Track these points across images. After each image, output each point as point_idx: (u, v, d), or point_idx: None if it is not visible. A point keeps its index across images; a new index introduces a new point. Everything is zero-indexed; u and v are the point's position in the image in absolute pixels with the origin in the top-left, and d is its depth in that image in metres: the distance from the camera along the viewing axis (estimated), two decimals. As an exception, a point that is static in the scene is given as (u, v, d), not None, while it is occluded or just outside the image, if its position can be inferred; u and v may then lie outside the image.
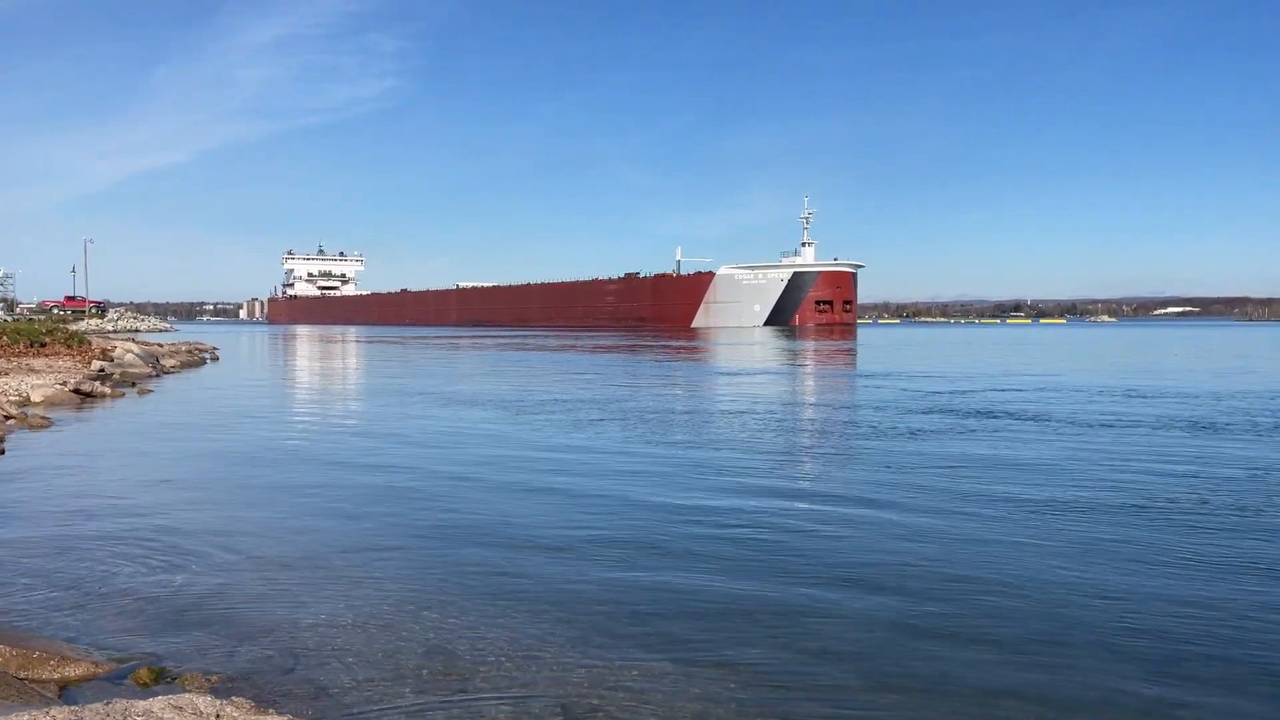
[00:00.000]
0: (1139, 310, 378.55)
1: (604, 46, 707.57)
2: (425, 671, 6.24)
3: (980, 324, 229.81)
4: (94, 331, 78.48)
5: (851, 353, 54.79)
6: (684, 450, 15.87)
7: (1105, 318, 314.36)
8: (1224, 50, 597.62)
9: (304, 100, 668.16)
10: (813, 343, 71.40)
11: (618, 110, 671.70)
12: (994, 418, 20.21)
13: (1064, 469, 13.79)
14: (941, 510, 11.07)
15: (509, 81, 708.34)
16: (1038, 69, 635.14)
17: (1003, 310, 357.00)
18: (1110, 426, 18.79)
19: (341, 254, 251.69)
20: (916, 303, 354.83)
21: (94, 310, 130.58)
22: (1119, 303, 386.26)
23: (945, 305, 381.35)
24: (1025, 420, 19.77)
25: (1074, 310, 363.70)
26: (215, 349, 56.60)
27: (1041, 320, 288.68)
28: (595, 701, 5.81)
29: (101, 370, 30.33)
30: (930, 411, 21.57)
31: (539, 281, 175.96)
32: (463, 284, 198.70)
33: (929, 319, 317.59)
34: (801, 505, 11.43)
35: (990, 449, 15.75)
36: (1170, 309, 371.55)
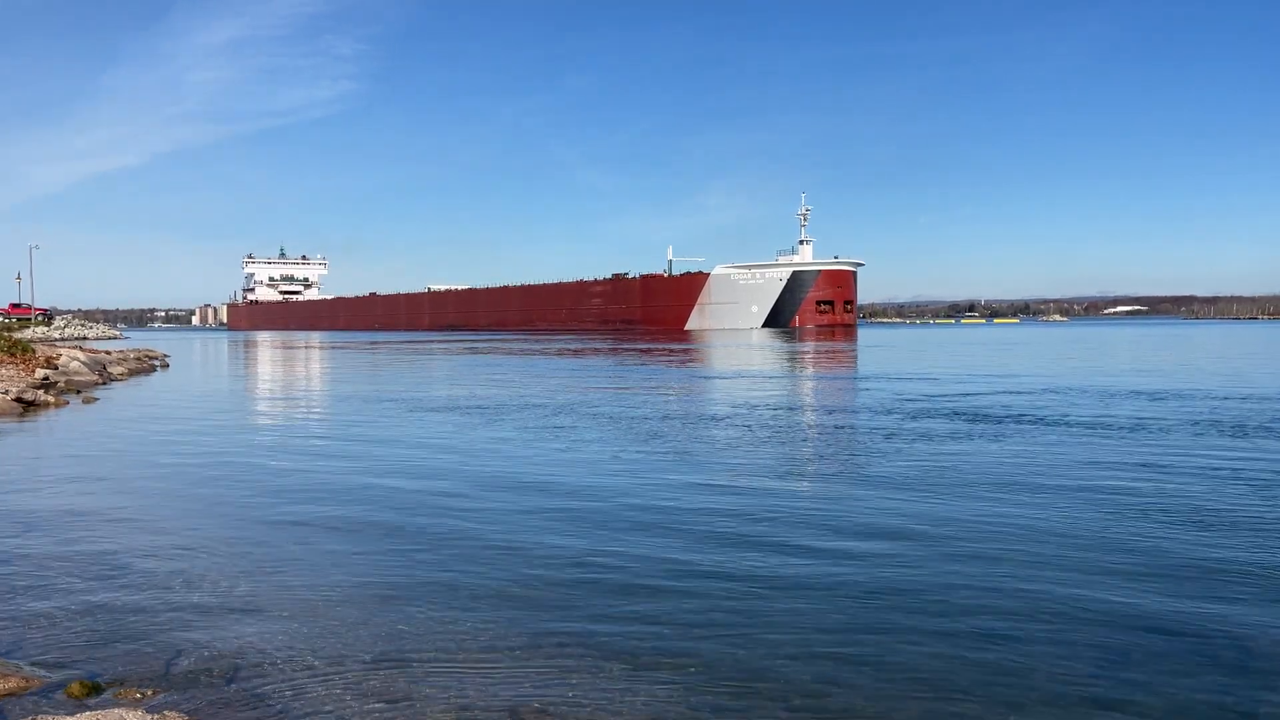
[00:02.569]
0: (1089, 309, 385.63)
1: (562, 50, 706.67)
2: (371, 680, 6.11)
3: (935, 324, 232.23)
4: (40, 339, 76.68)
5: (856, 356, 52.14)
6: (661, 457, 15.81)
7: (1057, 317, 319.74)
8: (1175, 58, 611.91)
9: (258, 103, 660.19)
10: (821, 344, 69.14)
11: (578, 114, 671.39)
12: (1047, 424, 18.79)
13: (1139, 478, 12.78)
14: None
15: (467, 85, 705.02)
16: (993, 74, 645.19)
17: (957, 310, 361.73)
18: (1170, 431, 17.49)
19: (304, 257, 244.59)
20: (873, 303, 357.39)
21: (40, 318, 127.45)
22: (1070, 302, 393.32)
23: (901, 306, 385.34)
24: (1057, 426, 18.46)
25: (1027, 310, 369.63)
26: (166, 356, 55.55)
27: (996, 320, 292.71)
28: (543, 705, 5.72)
29: (45, 378, 29.59)
30: (970, 419, 20.13)
31: (517, 284, 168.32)
32: (434, 286, 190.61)
33: (885, 319, 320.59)
34: (770, 503, 11.42)
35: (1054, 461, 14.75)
36: (1120, 308, 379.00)
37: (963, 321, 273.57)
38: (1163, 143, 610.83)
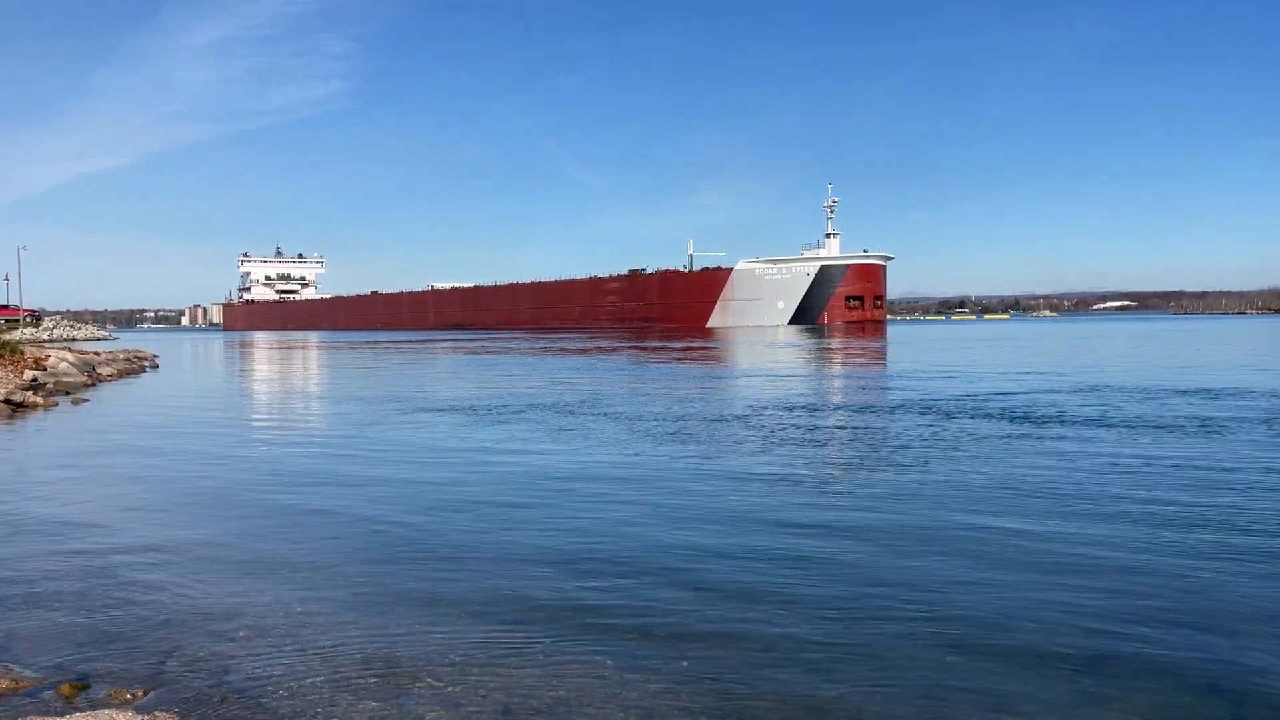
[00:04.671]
0: (1079, 305, 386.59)
1: (554, 50, 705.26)
2: (363, 680, 6.09)
3: (925, 320, 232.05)
4: (28, 341, 76.30)
5: (902, 353, 49.42)
6: (670, 460, 15.78)
7: (1048, 313, 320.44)
8: (1165, 57, 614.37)
9: (249, 103, 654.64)
10: (858, 342, 66.53)
11: (571, 113, 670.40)
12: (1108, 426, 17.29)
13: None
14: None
15: (459, 84, 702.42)
16: (984, 73, 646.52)
17: (948, 306, 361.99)
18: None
19: (300, 256, 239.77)
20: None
21: (28, 319, 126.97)
22: (1060, 298, 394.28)
23: (892, 302, 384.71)
24: (1119, 427, 17.04)
25: (1017, 306, 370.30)
26: (156, 357, 55.31)
27: (986, 316, 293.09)
28: (538, 704, 5.71)
29: (34, 380, 29.44)
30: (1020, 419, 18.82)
31: (526, 281, 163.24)
32: (438, 285, 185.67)
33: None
34: (772, 505, 11.42)
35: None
36: (1110, 303, 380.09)
37: (953, 318, 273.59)
38: (1152, 139, 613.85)
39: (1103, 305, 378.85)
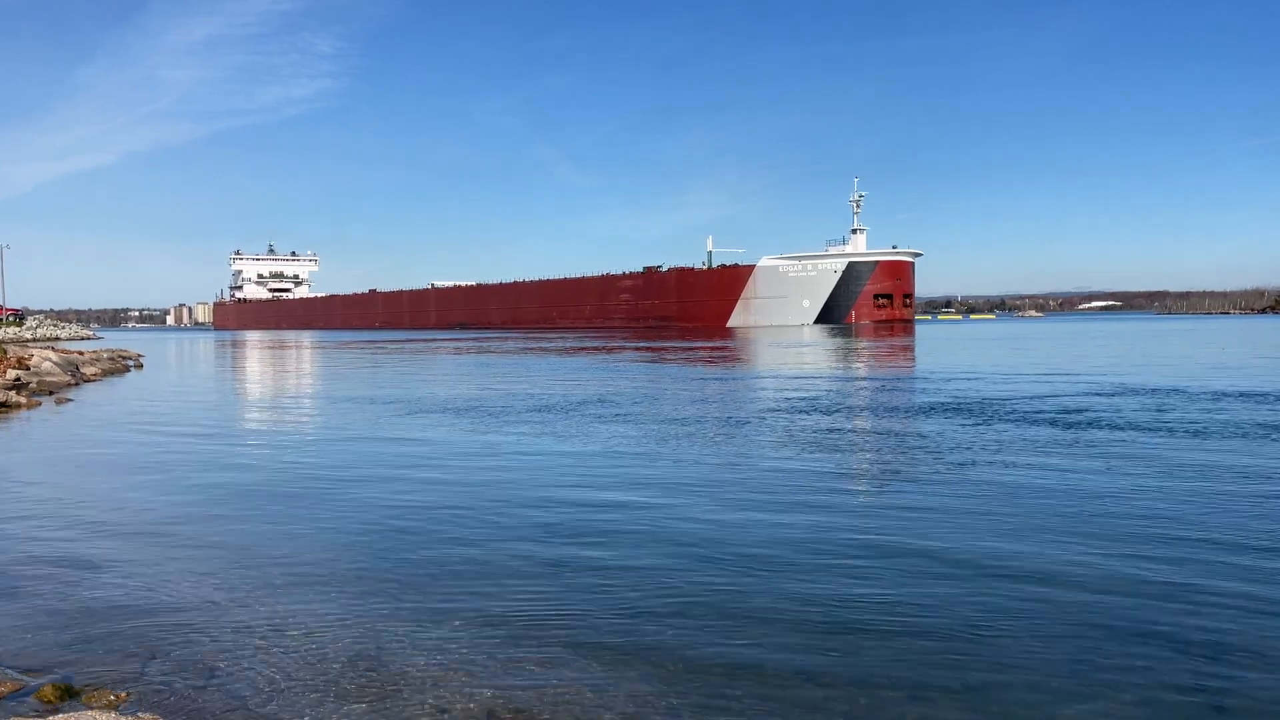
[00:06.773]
0: (1064, 305, 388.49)
1: (542, 48, 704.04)
2: (348, 681, 6.07)
3: (915, 320, 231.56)
4: (11, 340, 75.81)
5: (912, 351, 47.89)
6: (664, 462, 15.77)
7: (1033, 313, 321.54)
8: (1148, 56, 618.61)
9: (235, 101, 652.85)
10: (894, 340, 64.27)
11: (559, 112, 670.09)
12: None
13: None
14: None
15: (448, 83, 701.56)
16: (971, 72, 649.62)
17: (934, 306, 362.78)
18: None
19: (293, 253, 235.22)
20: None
21: (11, 318, 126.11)
22: (1045, 298, 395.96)
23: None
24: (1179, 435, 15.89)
25: (1003, 306, 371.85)
26: (140, 356, 54.98)
27: (972, 316, 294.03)
28: (523, 705, 5.70)
29: (17, 380, 29.25)
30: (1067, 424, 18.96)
31: (533, 279, 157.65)
32: (439, 283, 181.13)
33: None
34: (748, 502, 11.42)
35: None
36: (1094, 303, 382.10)
37: (939, 317, 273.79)
38: (1139, 140, 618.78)
39: (1088, 305, 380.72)
